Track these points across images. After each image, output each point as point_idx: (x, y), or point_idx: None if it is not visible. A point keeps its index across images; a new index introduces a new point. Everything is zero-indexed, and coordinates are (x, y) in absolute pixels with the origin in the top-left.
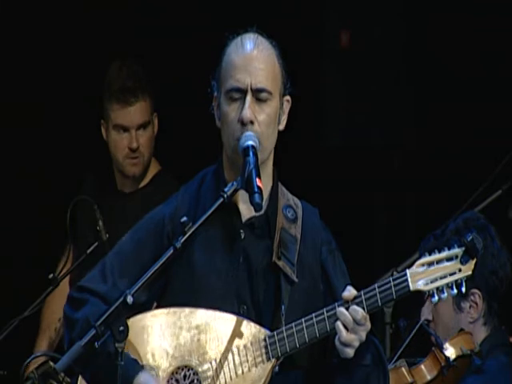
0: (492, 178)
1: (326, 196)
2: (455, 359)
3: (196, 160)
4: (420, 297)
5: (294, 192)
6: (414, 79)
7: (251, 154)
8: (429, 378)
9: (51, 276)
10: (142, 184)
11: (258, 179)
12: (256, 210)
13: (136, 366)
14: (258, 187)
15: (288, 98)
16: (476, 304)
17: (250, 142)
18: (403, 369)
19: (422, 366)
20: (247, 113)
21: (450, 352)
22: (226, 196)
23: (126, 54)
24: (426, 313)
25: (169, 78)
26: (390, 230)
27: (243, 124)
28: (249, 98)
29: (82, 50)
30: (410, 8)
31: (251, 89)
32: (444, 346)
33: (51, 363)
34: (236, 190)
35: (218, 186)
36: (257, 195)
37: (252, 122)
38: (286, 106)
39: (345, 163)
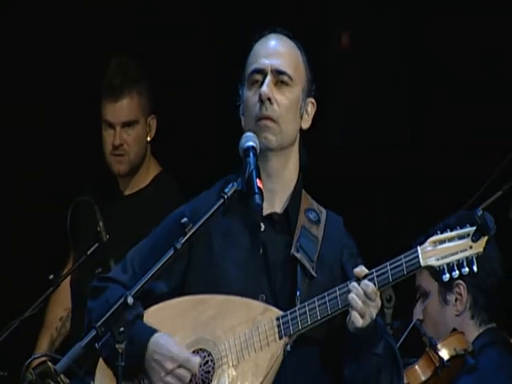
0: (492, 178)
1: (325, 196)
2: (449, 359)
3: (196, 160)
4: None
5: None
6: (414, 79)
7: (251, 154)
8: (423, 378)
9: (51, 277)
10: (143, 185)
11: (258, 180)
12: (256, 211)
13: (149, 329)
14: (259, 188)
15: (312, 100)
16: (461, 296)
17: (250, 143)
18: None
19: (416, 367)
20: (265, 89)
21: (444, 352)
22: (226, 197)
23: (126, 54)
24: (417, 313)
25: (169, 77)
26: (390, 231)
27: (261, 101)
28: (269, 77)
29: (81, 50)
30: (410, 8)
31: (271, 70)
32: (438, 347)
33: (49, 363)
34: (236, 191)
35: None
36: (257, 196)
37: (270, 100)
38: (311, 109)
39: (345, 163)
